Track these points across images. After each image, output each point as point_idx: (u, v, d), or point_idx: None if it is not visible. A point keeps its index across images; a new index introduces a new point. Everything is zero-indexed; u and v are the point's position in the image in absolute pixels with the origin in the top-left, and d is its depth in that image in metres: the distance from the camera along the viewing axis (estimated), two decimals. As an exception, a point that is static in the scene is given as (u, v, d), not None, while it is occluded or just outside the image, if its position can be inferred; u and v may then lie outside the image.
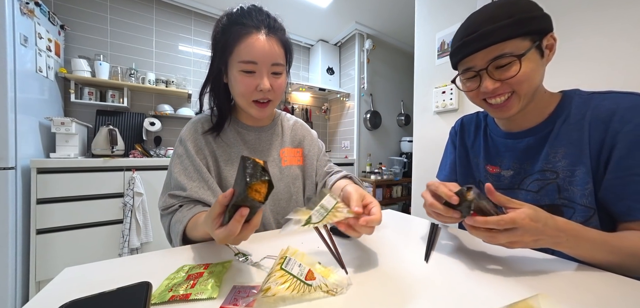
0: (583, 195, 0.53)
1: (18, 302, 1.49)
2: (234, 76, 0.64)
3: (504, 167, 0.66)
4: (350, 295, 0.36)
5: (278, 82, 0.66)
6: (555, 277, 0.42)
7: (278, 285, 0.34)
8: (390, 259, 0.49)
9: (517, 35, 0.52)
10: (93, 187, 1.73)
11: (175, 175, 0.65)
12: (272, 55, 0.63)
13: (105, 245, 1.77)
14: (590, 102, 0.55)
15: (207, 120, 0.73)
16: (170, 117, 2.52)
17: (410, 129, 3.57)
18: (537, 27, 0.53)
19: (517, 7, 0.53)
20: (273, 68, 0.64)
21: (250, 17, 0.63)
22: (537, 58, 0.54)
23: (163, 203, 0.65)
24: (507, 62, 0.53)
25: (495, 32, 0.53)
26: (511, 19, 0.52)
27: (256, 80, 0.63)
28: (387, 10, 2.80)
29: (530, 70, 0.53)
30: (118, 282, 0.33)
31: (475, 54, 0.56)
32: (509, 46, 0.52)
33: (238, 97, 0.67)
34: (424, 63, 1.75)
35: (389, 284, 0.40)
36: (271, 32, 0.63)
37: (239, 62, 0.62)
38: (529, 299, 0.29)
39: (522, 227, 0.41)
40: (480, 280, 0.41)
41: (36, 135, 1.70)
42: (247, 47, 0.61)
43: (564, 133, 0.57)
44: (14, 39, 1.45)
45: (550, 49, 0.56)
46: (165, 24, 2.57)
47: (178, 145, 0.70)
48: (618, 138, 0.50)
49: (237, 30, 0.62)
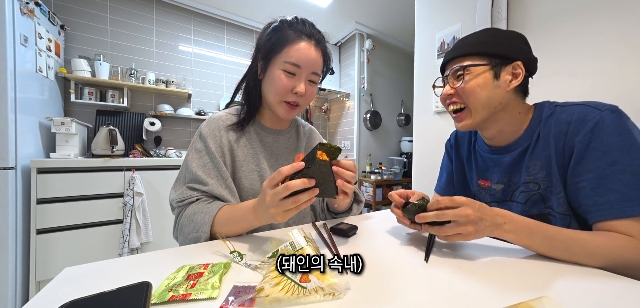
0: (559, 203, 0.57)
1: (18, 302, 1.49)
2: (274, 73, 0.67)
3: (494, 181, 0.69)
4: (350, 296, 0.36)
5: (311, 89, 0.71)
6: (557, 279, 0.42)
7: (272, 287, 0.34)
8: (390, 259, 0.49)
9: (474, 53, 0.60)
10: (93, 187, 1.73)
11: (193, 169, 0.65)
12: (315, 64, 0.68)
13: (105, 245, 1.77)
14: (554, 115, 0.59)
15: (230, 118, 0.74)
16: (170, 117, 2.52)
17: (410, 129, 3.57)
18: (497, 51, 0.59)
19: (490, 33, 0.61)
20: (311, 76, 0.69)
21: (305, 26, 0.68)
22: (488, 77, 0.59)
23: (179, 195, 0.64)
24: (461, 73, 0.61)
25: (460, 48, 0.62)
26: (477, 40, 0.61)
27: (294, 83, 0.67)
28: (387, 10, 2.80)
29: (476, 85, 0.59)
30: (118, 282, 0.33)
31: (447, 64, 0.66)
32: (467, 61, 0.60)
33: (271, 94, 0.69)
34: (424, 63, 1.75)
35: (388, 284, 0.39)
36: (319, 45, 0.69)
37: (284, 62, 0.66)
38: (532, 301, 0.29)
39: (459, 216, 0.48)
40: (481, 281, 0.41)
41: (36, 135, 1.70)
42: (296, 50, 0.65)
43: (537, 147, 0.60)
44: (14, 39, 1.45)
45: (515, 77, 0.59)
46: (165, 24, 2.56)
47: (197, 139, 0.70)
48: (572, 149, 0.54)
49: (290, 33, 0.66)
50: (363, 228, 0.67)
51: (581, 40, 1.06)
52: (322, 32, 0.73)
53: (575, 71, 1.08)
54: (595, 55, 1.03)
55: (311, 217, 0.80)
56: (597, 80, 1.02)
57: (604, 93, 1.00)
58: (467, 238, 0.49)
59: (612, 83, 0.98)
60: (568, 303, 0.35)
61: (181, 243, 0.63)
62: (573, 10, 1.08)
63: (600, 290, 0.38)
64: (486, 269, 0.45)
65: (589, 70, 1.04)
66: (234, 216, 0.59)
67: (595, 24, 1.03)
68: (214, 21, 2.82)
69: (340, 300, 0.35)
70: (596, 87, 1.02)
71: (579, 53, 1.07)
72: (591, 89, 1.03)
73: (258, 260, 0.45)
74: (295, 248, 0.45)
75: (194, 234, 0.58)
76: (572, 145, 0.54)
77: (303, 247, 0.45)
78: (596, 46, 1.02)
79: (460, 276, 0.42)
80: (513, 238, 0.50)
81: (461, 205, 0.49)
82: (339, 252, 0.50)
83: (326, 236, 0.58)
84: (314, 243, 0.49)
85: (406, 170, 3.18)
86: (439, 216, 0.50)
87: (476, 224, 0.48)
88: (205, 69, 2.78)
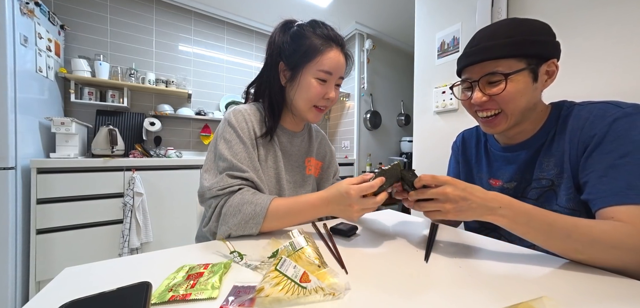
0: (568, 198, 0.56)
1: (18, 302, 1.49)
2: (307, 81, 0.69)
3: (506, 179, 0.67)
4: (350, 296, 0.36)
5: (337, 92, 0.74)
6: (558, 279, 0.42)
7: (272, 287, 0.34)
8: (390, 259, 0.49)
9: (511, 55, 0.54)
10: (93, 187, 1.73)
11: (229, 157, 0.65)
12: (342, 69, 0.71)
13: (105, 245, 1.77)
14: (572, 113, 0.58)
15: (254, 113, 0.74)
16: (170, 117, 2.52)
17: (410, 129, 3.57)
18: (535, 51, 0.54)
19: (520, 29, 0.55)
20: (338, 80, 0.72)
21: (329, 31, 0.70)
22: (528, 81, 0.55)
23: (219, 182, 0.62)
24: (497, 79, 0.56)
25: (491, 49, 0.56)
26: (509, 39, 0.54)
27: (326, 89, 0.70)
28: (387, 10, 2.80)
29: (516, 91, 0.55)
30: (118, 282, 0.33)
31: (472, 66, 0.60)
32: (502, 65, 0.55)
33: (302, 100, 0.71)
34: (424, 63, 1.75)
35: (388, 284, 0.39)
36: (343, 50, 0.72)
37: (318, 70, 0.67)
38: (532, 301, 0.29)
39: (437, 194, 0.49)
40: (481, 281, 0.41)
41: (36, 135, 1.70)
42: (329, 59, 0.68)
43: (553, 144, 0.59)
44: (14, 39, 1.45)
45: (550, 75, 0.57)
46: (165, 24, 2.56)
47: (227, 129, 0.69)
48: (587, 143, 0.53)
49: (318, 42, 0.68)
50: (363, 228, 0.68)
51: (581, 39, 1.06)
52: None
53: (575, 70, 1.07)
54: (596, 54, 1.03)
55: None
56: (598, 79, 1.02)
57: (604, 92, 1.00)
58: (446, 216, 0.49)
59: (613, 82, 0.98)
60: (568, 303, 0.35)
61: (219, 235, 0.60)
62: (573, 10, 1.08)
63: (601, 290, 0.38)
64: (486, 269, 0.44)
65: (590, 69, 1.04)
66: (294, 209, 0.60)
67: (596, 23, 1.03)
68: (214, 21, 2.82)
69: (340, 300, 0.35)
70: (597, 85, 1.02)
71: (579, 52, 1.06)
72: (592, 87, 1.03)
73: (258, 260, 0.45)
74: (295, 248, 0.45)
75: (243, 224, 0.58)
76: (587, 139, 0.52)
77: (303, 247, 0.45)
78: (597, 45, 1.02)
79: (460, 276, 0.42)
80: (507, 224, 0.48)
81: (442, 184, 0.49)
82: (339, 252, 0.50)
83: (326, 236, 0.58)
84: (314, 243, 0.49)
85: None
86: (420, 193, 0.51)
87: (456, 203, 0.48)
88: (205, 69, 2.78)
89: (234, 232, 0.59)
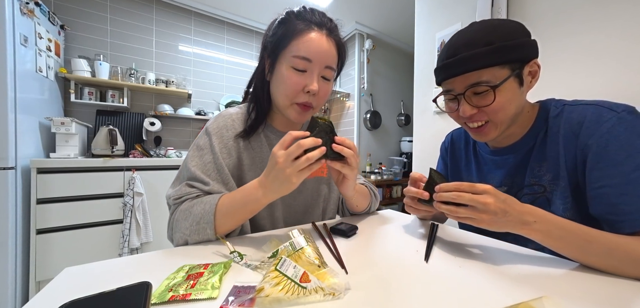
0: (565, 208, 0.55)
1: (18, 302, 1.49)
2: (282, 72, 0.60)
3: (496, 184, 0.66)
4: (350, 296, 0.36)
5: (325, 87, 0.63)
6: (558, 279, 0.42)
7: (272, 287, 0.34)
8: (390, 259, 0.49)
9: (494, 63, 0.52)
10: (93, 187, 1.73)
11: (192, 168, 0.60)
12: (328, 56, 0.60)
13: (105, 245, 1.77)
14: (562, 115, 0.56)
15: (239, 117, 0.68)
16: (170, 117, 2.52)
17: (410, 129, 3.57)
18: (517, 56, 0.52)
19: (497, 33, 0.52)
20: (325, 71, 0.61)
21: (314, 15, 0.61)
22: (515, 87, 0.54)
23: (176, 192, 0.59)
24: (482, 89, 0.54)
25: (472, 59, 0.53)
26: (490, 46, 0.51)
27: (305, 80, 0.60)
28: (387, 10, 2.80)
29: (506, 100, 0.53)
30: (118, 282, 0.33)
31: (454, 78, 0.57)
32: (486, 74, 0.53)
33: (281, 95, 0.62)
34: (424, 63, 1.75)
35: (388, 284, 0.39)
36: (331, 35, 0.61)
37: (292, 57, 0.58)
38: (532, 301, 0.29)
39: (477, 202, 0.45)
40: (481, 281, 0.41)
41: (36, 135, 1.70)
42: (305, 42, 0.58)
43: (543, 148, 0.58)
44: (14, 39, 1.45)
45: (533, 75, 0.55)
46: (165, 24, 2.56)
47: (203, 135, 0.64)
48: (586, 151, 0.50)
49: (297, 24, 0.59)
50: (363, 228, 0.67)
51: (581, 38, 1.06)
52: (335, 20, 0.64)
53: (575, 69, 1.08)
54: (595, 52, 1.03)
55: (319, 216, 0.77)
56: (598, 77, 1.02)
57: (604, 90, 1.00)
58: (478, 225, 0.47)
59: (613, 80, 0.98)
60: (568, 303, 0.35)
61: (176, 242, 0.56)
62: (573, 8, 1.08)
63: (601, 290, 0.38)
64: (486, 269, 0.44)
65: (589, 68, 1.04)
66: (237, 200, 0.54)
67: (596, 21, 1.03)
68: (214, 21, 2.82)
69: (340, 300, 0.35)
70: (596, 84, 1.02)
71: (579, 50, 1.06)
72: (591, 86, 1.03)
73: (258, 260, 0.45)
74: (295, 248, 0.45)
75: (194, 227, 0.53)
76: (585, 147, 0.50)
77: (303, 247, 0.45)
78: (597, 43, 1.02)
79: (460, 276, 0.42)
80: (541, 238, 0.46)
81: (483, 192, 0.46)
82: (339, 252, 0.50)
83: (326, 236, 0.58)
84: (314, 243, 0.49)
85: (406, 170, 3.18)
86: (457, 198, 0.47)
87: (495, 215, 0.45)
88: (205, 69, 2.78)
89: (189, 237, 0.54)
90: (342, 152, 0.53)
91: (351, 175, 0.57)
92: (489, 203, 0.45)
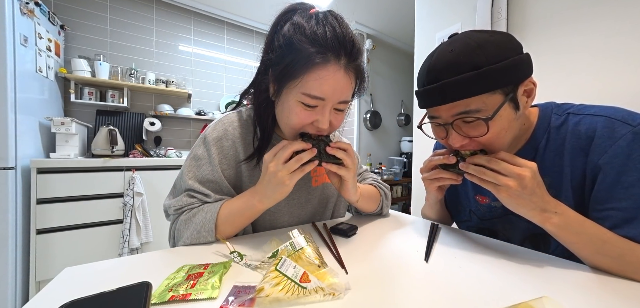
0: None
1: (18, 302, 1.49)
2: (289, 105, 0.52)
3: (493, 197, 0.62)
4: (350, 296, 0.36)
5: (338, 118, 0.55)
6: (558, 279, 0.42)
7: (272, 287, 0.34)
8: (390, 259, 0.49)
9: (483, 91, 0.45)
10: (93, 187, 1.73)
11: (189, 181, 0.58)
12: (343, 91, 0.51)
13: (105, 245, 1.77)
14: (567, 124, 0.51)
15: (240, 124, 0.63)
16: (170, 117, 2.52)
17: (410, 129, 3.57)
18: (509, 79, 0.45)
19: (485, 53, 0.44)
20: (338, 105, 0.53)
21: (327, 35, 0.48)
22: (510, 113, 0.47)
23: (177, 203, 0.57)
24: (472, 119, 0.47)
25: (456, 87, 0.45)
26: (476, 71, 0.44)
27: (315, 116, 0.52)
28: (387, 10, 2.80)
29: (501, 129, 0.47)
30: (118, 282, 0.33)
31: (439, 107, 0.50)
32: (474, 102, 0.46)
33: (286, 127, 0.56)
34: (424, 63, 1.75)
35: (388, 284, 0.39)
36: (351, 63, 0.51)
37: (302, 94, 0.49)
38: (532, 301, 0.29)
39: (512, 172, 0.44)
40: (482, 281, 0.41)
41: (36, 135, 1.70)
42: (319, 80, 0.48)
43: (546, 160, 0.53)
44: (14, 39, 1.45)
45: (528, 94, 0.49)
46: (165, 24, 2.56)
47: (200, 145, 0.61)
48: (596, 170, 0.47)
49: (311, 54, 0.47)
50: (363, 228, 0.67)
51: (582, 39, 1.06)
52: (356, 34, 0.56)
53: (575, 70, 1.07)
54: (596, 54, 1.02)
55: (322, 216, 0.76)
56: (598, 79, 1.02)
57: (604, 92, 0.99)
58: (500, 193, 0.45)
59: (613, 82, 0.98)
60: (568, 303, 0.35)
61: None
62: (574, 9, 1.08)
63: (601, 290, 0.38)
64: (486, 269, 0.44)
65: (590, 70, 1.04)
66: (234, 209, 0.55)
67: (597, 23, 1.02)
68: (214, 21, 2.82)
69: (340, 300, 0.35)
70: (597, 86, 1.02)
71: (580, 52, 1.06)
72: (591, 88, 1.03)
73: (258, 260, 0.45)
74: (295, 248, 0.45)
75: (195, 235, 0.53)
76: (595, 165, 0.46)
77: (303, 247, 0.45)
78: (597, 45, 1.02)
79: (460, 276, 0.42)
80: (556, 231, 0.44)
81: (523, 165, 0.44)
82: (339, 252, 0.50)
83: (326, 236, 0.58)
84: (314, 243, 0.49)
85: (406, 170, 3.18)
86: (495, 164, 0.46)
87: (523, 188, 0.43)
88: (205, 69, 2.78)
89: (189, 243, 0.54)
90: (335, 154, 0.53)
91: (348, 176, 0.57)
92: (525, 176, 0.43)
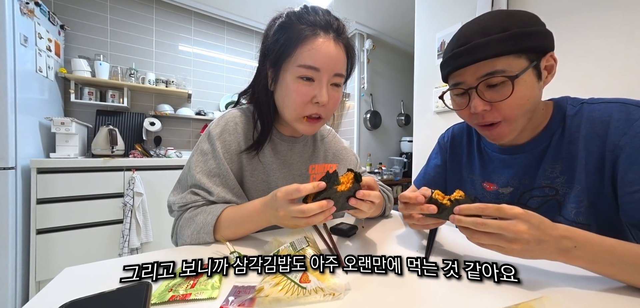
0: (578, 212, 0.51)
1: (18, 302, 1.49)
2: (287, 84, 0.56)
3: (502, 184, 0.62)
4: (350, 296, 0.36)
5: (335, 95, 0.59)
6: (558, 280, 0.42)
7: (272, 287, 0.34)
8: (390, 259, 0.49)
9: (511, 51, 0.47)
10: (93, 187, 1.73)
11: (197, 175, 0.59)
12: (337, 62, 0.56)
13: (105, 245, 1.77)
14: (582, 113, 0.52)
15: (242, 119, 0.65)
16: (170, 117, 2.52)
17: (410, 129, 3.57)
18: (535, 44, 0.48)
19: (514, 20, 0.48)
20: (334, 78, 0.57)
21: (318, 16, 0.55)
22: (534, 81, 0.49)
23: (181, 200, 0.59)
24: (499, 81, 0.48)
25: (486, 46, 0.47)
26: (506, 32, 0.46)
27: (314, 91, 0.55)
28: (387, 10, 2.80)
29: (523, 95, 0.48)
30: (118, 282, 0.33)
31: (465, 69, 0.51)
32: (501, 63, 0.47)
33: (288, 109, 0.59)
34: (424, 63, 1.75)
35: (388, 284, 0.39)
36: (339, 37, 0.56)
37: (298, 67, 0.54)
38: (532, 301, 0.29)
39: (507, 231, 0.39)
40: (482, 281, 0.41)
41: (36, 135, 1.70)
42: (311, 50, 0.53)
43: (560, 148, 0.54)
44: (14, 39, 1.45)
45: (549, 70, 0.51)
46: (165, 24, 2.56)
47: (205, 140, 0.63)
48: (617, 153, 0.46)
49: (301, 29, 0.54)
50: (363, 228, 0.67)
51: (583, 39, 1.06)
52: (341, 19, 0.59)
53: (577, 69, 1.07)
54: (597, 52, 1.03)
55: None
56: (600, 78, 1.02)
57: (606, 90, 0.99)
58: (509, 254, 0.41)
59: (615, 81, 0.98)
60: (568, 303, 0.35)
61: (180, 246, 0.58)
62: (574, 9, 1.08)
63: (600, 291, 0.38)
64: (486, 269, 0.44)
65: (591, 68, 1.04)
66: (238, 217, 0.55)
67: (598, 21, 1.02)
68: (214, 21, 2.82)
69: (340, 300, 0.35)
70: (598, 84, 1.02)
71: (581, 51, 1.06)
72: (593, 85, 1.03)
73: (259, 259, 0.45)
74: (296, 248, 0.45)
75: (195, 235, 0.55)
76: (615, 148, 0.46)
77: (303, 247, 0.45)
78: (599, 44, 1.02)
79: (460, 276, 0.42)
80: (586, 265, 0.40)
81: (514, 218, 0.39)
82: (339, 252, 0.50)
83: (326, 236, 0.58)
84: (314, 243, 0.49)
85: (406, 170, 3.18)
86: (482, 225, 0.40)
87: (528, 244, 0.38)
88: (205, 69, 2.78)
89: (190, 244, 0.56)
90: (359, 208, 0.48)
91: (368, 214, 0.52)
92: (521, 231, 0.38)
